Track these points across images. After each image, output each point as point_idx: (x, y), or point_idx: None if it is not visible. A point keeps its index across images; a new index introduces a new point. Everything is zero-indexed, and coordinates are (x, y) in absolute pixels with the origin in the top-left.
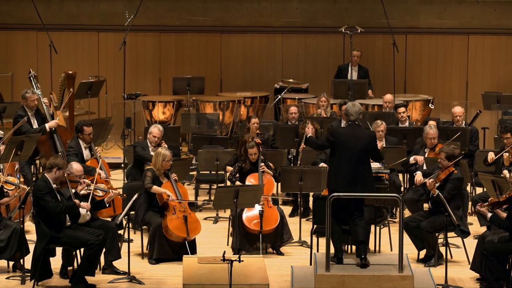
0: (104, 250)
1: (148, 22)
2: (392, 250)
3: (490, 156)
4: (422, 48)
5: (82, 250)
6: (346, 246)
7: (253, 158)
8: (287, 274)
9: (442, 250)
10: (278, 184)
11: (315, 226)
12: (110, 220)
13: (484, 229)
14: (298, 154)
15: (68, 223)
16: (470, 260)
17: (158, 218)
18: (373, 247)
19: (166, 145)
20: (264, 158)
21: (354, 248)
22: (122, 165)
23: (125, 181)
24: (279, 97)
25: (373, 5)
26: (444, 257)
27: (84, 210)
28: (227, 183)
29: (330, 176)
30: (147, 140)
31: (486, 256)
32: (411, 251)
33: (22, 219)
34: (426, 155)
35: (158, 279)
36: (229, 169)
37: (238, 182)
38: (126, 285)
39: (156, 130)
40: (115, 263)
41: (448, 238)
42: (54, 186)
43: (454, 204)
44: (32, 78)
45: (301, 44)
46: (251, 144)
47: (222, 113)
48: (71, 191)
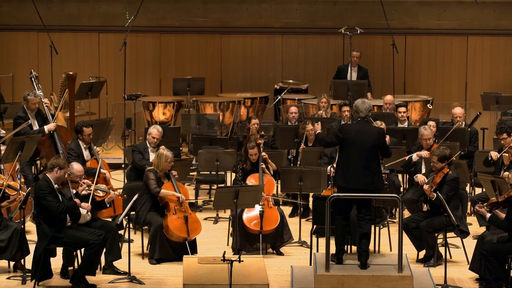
0: (104, 250)
1: (148, 23)
2: (391, 250)
3: (494, 154)
4: (421, 49)
5: (83, 250)
6: (346, 246)
7: (253, 158)
8: (287, 274)
9: (442, 250)
10: (277, 183)
11: (315, 226)
12: (111, 220)
13: (483, 229)
14: (298, 155)
15: (68, 223)
16: (469, 260)
17: (159, 218)
18: (372, 247)
19: (164, 146)
20: (265, 159)
21: (354, 248)
22: (123, 165)
23: (125, 181)
24: (279, 97)
25: (372, 6)
26: (443, 257)
27: (84, 210)
28: (227, 184)
29: (338, 172)
30: (146, 141)
31: (485, 256)
32: (411, 251)
33: (22, 220)
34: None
35: (159, 279)
36: None
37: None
38: (126, 285)
39: (155, 131)
40: (116, 263)
41: (447, 239)
42: (55, 186)
43: (452, 204)
44: (33, 79)
45: (301, 45)
46: (252, 144)
47: (222, 113)
48: (72, 192)
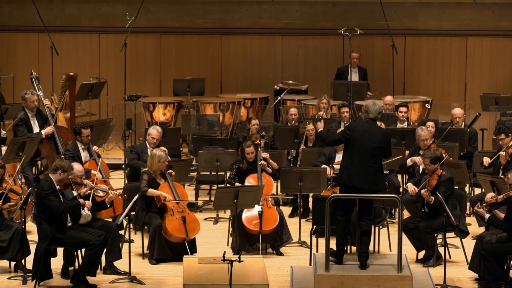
0: (105, 250)
1: (148, 24)
2: (391, 251)
3: (486, 160)
4: (421, 49)
5: (83, 250)
6: (346, 246)
7: (250, 157)
8: (287, 274)
9: (441, 250)
10: (277, 182)
11: (315, 226)
12: (111, 220)
13: (482, 229)
14: (298, 155)
15: (69, 224)
16: (469, 260)
17: (158, 219)
18: (372, 248)
19: (165, 149)
20: (265, 159)
21: (354, 248)
22: (123, 166)
23: (125, 182)
24: (279, 98)
25: (372, 7)
26: (442, 257)
27: (86, 209)
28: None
29: (342, 170)
30: (146, 141)
31: (485, 256)
32: (410, 252)
33: (23, 220)
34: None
35: (159, 279)
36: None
37: (238, 184)
38: (127, 285)
39: (154, 131)
40: (116, 263)
41: (446, 239)
42: (57, 188)
43: (450, 204)
44: (33, 80)
45: (300, 45)
46: (248, 143)
47: (222, 114)
48: (74, 194)
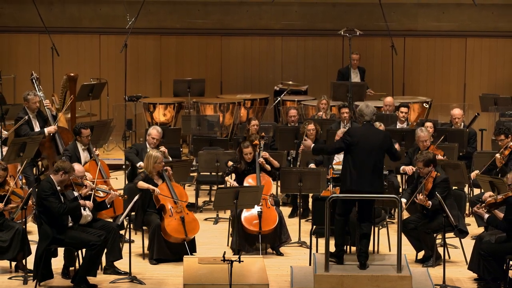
0: (105, 250)
1: (149, 25)
2: (390, 251)
3: (473, 174)
4: (420, 50)
5: (84, 250)
6: (345, 246)
7: (248, 158)
8: (287, 274)
9: (440, 250)
10: (277, 183)
11: (314, 226)
12: (111, 221)
13: (481, 229)
14: (298, 156)
15: (70, 224)
16: (468, 260)
17: (157, 219)
18: (371, 248)
19: (165, 149)
20: (266, 158)
21: (354, 248)
22: (123, 166)
23: (126, 182)
24: (279, 99)
25: (371, 8)
26: (442, 257)
27: (86, 209)
28: (227, 185)
29: (345, 175)
30: (146, 142)
31: (484, 256)
32: (410, 252)
33: (24, 220)
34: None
35: (159, 279)
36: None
37: (228, 178)
38: (127, 285)
39: (154, 132)
40: (117, 264)
41: (446, 239)
42: (58, 189)
43: (448, 204)
44: (34, 81)
45: (300, 46)
46: (246, 143)
47: (222, 115)
48: (75, 194)
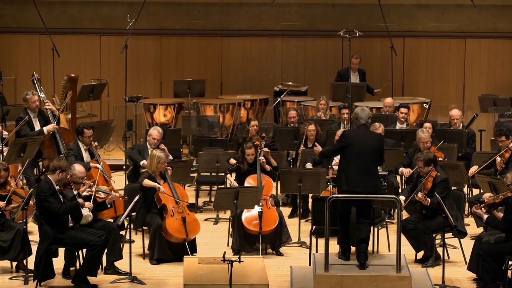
0: (106, 250)
1: (149, 25)
2: (390, 251)
3: (472, 170)
4: (419, 51)
5: (85, 250)
6: (349, 242)
7: (250, 159)
8: (287, 275)
9: (440, 250)
10: (277, 183)
11: (314, 227)
12: (112, 221)
13: (480, 230)
14: (298, 156)
15: (70, 224)
16: (467, 260)
17: (158, 219)
18: (371, 248)
19: (165, 147)
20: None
21: (353, 248)
22: (124, 167)
23: (126, 183)
24: (279, 99)
25: (371, 9)
26: (441, 257)
27: (86, 210)
28: (227, 185)
29: (341, 177)
30: (147, 142)
31: (483, 256)
32: (409, 252)
33: (25, 220)
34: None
35: (159, 279)
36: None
37: (229, 176)
38: (127, 285)
39: (155, 132)
40: (117, 264)
41: (445, 239)
42: (57, 188)
43: (447, 204)
44: (35, 81)
45: (300, 47)
46: (248, 144)
47: (223, 115)
48: (74, 193)
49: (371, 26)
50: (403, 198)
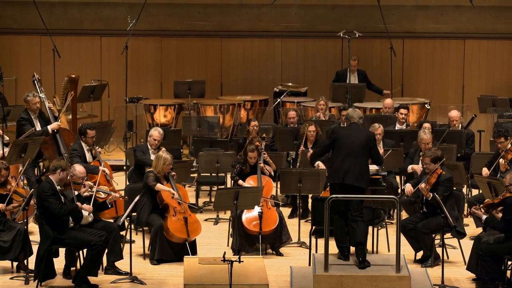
0: (106, 250)
1: (149, 27)
2: (389, 251)
3: (484, 172)
4: (419, 52)
5: (85, 250)
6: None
7: (252, 161)
8: (286, 275)
9: (439, 251)
10: (276, 184)
11: (314, 227)
12: (112, 221)
13: (480, 230)
14: (297, 156)
15: (71, 224)
16: (466, 260)
17: (160, 220)
18: (370, 248)
19: (164, 149)
20: (264, 159)
21: (353, 248)
22: (124, 167)
23: (127, 183)
24: (279, 100)
25: (370, 10)
26: (440, 257)
27: (86, 212)
28: (228, 185)
29: (329, 171)
30: (148, 143)
31: (482, 256)
32: (408, 252)
33: (25, 220)
34: (421, 159)
35: (160, 279)
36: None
37: (241, 181)
38: (128, 285)
39: (156, 133)
40: (117, 264)
41: (444, 239)
42: (58, 188)
43: (448, 204)
44: (36, 82)
45: (300, 48)
46: (251, 147)
47: (223, 116)
48: (74, 193)
49: (371, 27)
50: (409, 185)
